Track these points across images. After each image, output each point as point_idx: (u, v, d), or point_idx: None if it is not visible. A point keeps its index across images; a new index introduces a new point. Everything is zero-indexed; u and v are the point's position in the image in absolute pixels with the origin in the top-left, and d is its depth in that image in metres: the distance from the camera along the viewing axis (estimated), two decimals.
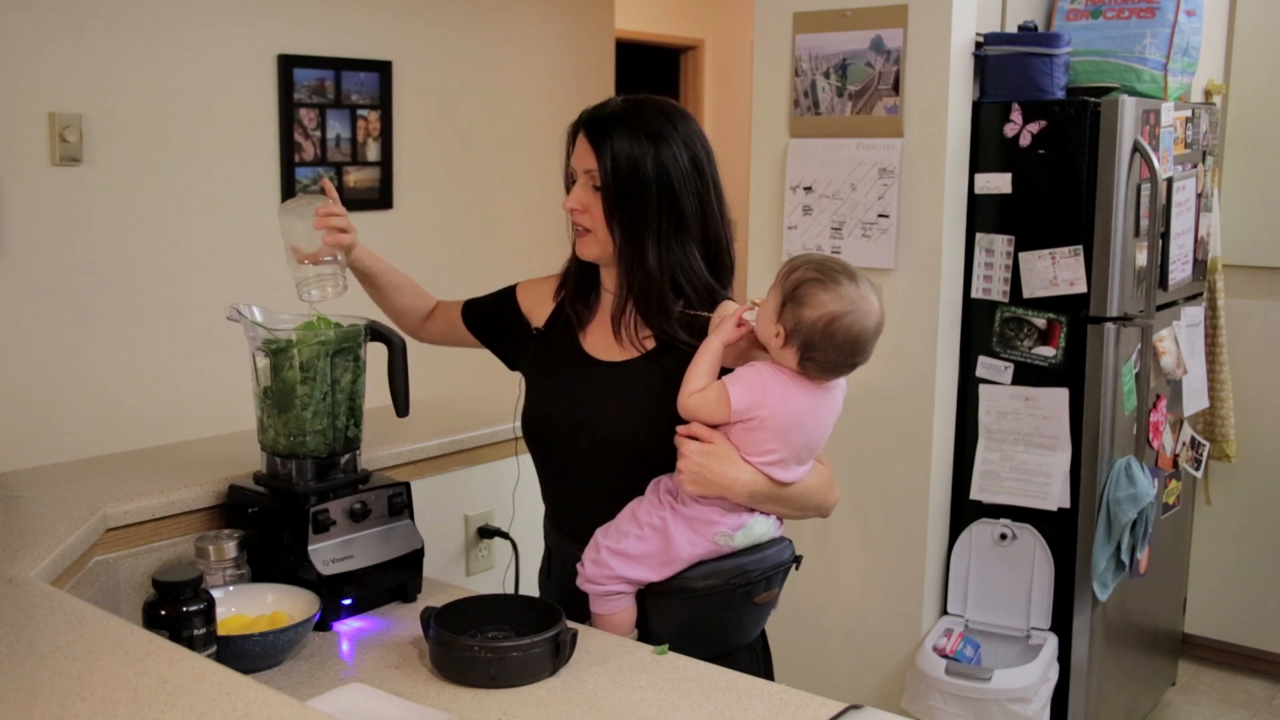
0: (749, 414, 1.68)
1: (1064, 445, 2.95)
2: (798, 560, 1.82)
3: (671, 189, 1.75)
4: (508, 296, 2.01)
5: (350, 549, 1.82)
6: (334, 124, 4.08)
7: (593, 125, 1.78)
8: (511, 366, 2.01)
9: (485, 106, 4.63)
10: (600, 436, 1.80)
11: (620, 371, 1.82)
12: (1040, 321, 2.94)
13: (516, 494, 2.31)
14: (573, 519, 1.86)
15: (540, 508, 1.96)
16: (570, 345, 1.88)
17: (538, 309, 1.96)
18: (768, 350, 1.73)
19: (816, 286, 1.67)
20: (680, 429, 1.72)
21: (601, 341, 1.85)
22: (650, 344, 1.81)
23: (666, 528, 1.72)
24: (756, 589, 1.76)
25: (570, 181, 1.83)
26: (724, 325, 1.74)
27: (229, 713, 1.09)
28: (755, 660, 1.87)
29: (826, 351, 1.68)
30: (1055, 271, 2.91)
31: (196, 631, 1.53)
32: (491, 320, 2.02)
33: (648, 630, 1.76)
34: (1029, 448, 2.99)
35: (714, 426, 1.71)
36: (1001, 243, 2.97)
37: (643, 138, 1.75)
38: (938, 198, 2.91)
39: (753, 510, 1.74)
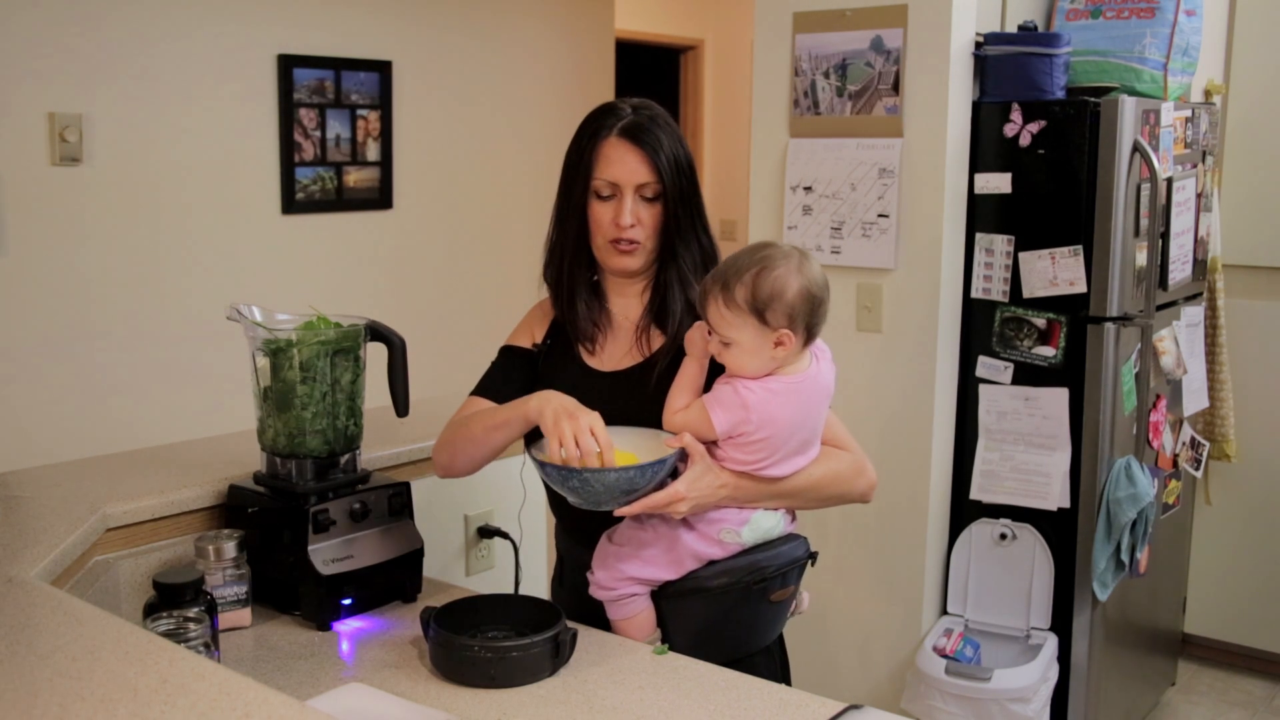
0: (735, 432, 1.66)
1: (1064, 445, 2.95)
2: (813, 556, 1.79)
3: (696, 179, 1.78)
4: (511, 357, 1.89)
5: (350, 549, 1.82)
6: (334, 124, 4.08)
7: (637, 134, 1.73)
8: None
9: (485, 106, 4.63)
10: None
11: (630, 378, 1.80)
12: (1040, 321, 2.94)
13: (522, 514, 2.30)
14: (589, 527, 1.79)
15: (539, 509, 1.95)
16: (576, 362, 1.84)
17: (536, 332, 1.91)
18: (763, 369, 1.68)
19: (766, 274, 1.62)
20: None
21: (607, 353, 1.84)
22: (657, 343, 1.80)
23: (673, 526, 1.69)
24: (772, 585, 1.73)
25: (595, 197, 1.77)
26: (696, 345, 1.71)
27: (229, 713, 1.09)
28: (773, 665, 1.84)
29: (820, 309, 1.67)
30: (1055, 271, 2.91)
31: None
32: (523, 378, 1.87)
33: (667, 633, 1.73)
34: (1029, 448, 2.99)
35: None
36: (1001, 243, 2.97)
37: (675, 137, 1.76)
38: (937, 198, 2.91)
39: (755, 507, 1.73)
